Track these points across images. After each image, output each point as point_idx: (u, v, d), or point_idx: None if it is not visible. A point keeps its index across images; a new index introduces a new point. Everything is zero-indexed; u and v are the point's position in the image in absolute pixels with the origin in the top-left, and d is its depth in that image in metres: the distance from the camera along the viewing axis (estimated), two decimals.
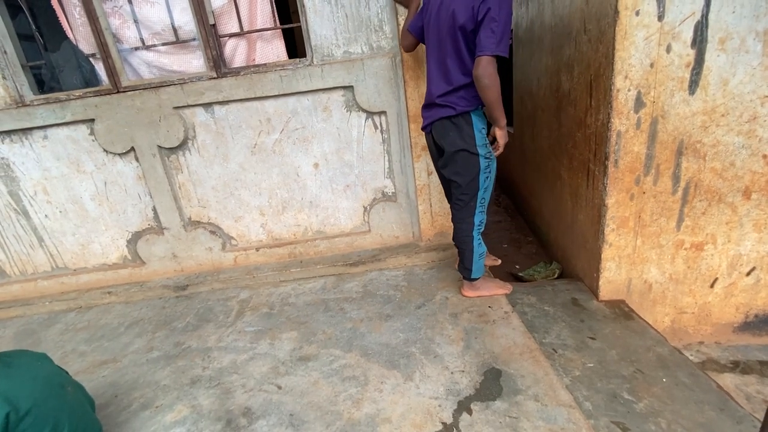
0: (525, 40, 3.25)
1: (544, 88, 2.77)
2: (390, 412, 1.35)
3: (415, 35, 1.85)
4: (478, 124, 1.72)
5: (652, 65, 1.66)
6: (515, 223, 4.04)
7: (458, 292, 2.04)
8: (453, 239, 1.96)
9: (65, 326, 2.24)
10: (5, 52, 2.16)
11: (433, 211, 2.38)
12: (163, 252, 2.49)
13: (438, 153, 1.85)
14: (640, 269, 2.03)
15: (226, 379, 1.63)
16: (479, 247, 1.86)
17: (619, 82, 1.69)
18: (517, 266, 3.09)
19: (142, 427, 1.43)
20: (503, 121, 1.69)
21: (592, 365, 1.69)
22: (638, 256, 2.00)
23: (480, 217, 1.84)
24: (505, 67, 4.34)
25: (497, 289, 2.08)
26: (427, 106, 1.80)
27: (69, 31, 2.22)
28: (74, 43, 2.26)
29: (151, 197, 2.38)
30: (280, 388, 1.54)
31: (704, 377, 1.61)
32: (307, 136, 2.30)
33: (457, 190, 1.80)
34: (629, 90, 1.70)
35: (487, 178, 1.77)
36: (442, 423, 1.28)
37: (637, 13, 1.59)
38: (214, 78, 2.19)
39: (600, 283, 2.07)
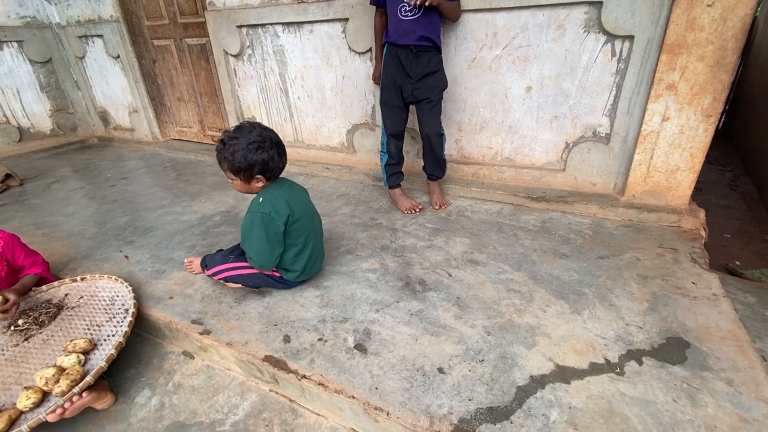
0: None
1: None
2: (550, 330, 1.41)
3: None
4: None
5: None
6: (753, 214, 3.15)
7: (655, 257, 1.82)
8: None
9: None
10: None
11: (651, 165, 2.05)
12: (371, 146, 2.93)
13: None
14: None
15: (407, 254, 1.94)
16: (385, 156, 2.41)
17: None
18: (737, 262, 2.50)
19: (347, 263, 1.88)
20: None
21: None
22: None
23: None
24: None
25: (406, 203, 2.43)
26: None
27: None
28: None
29: (373, 96, 2.75)
30: (450, 275, 1.76)
31: None
32: (528, 55, 2.20)
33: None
34: None
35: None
36: (605, 359, 1.28)
37: None
38: None
39: None
